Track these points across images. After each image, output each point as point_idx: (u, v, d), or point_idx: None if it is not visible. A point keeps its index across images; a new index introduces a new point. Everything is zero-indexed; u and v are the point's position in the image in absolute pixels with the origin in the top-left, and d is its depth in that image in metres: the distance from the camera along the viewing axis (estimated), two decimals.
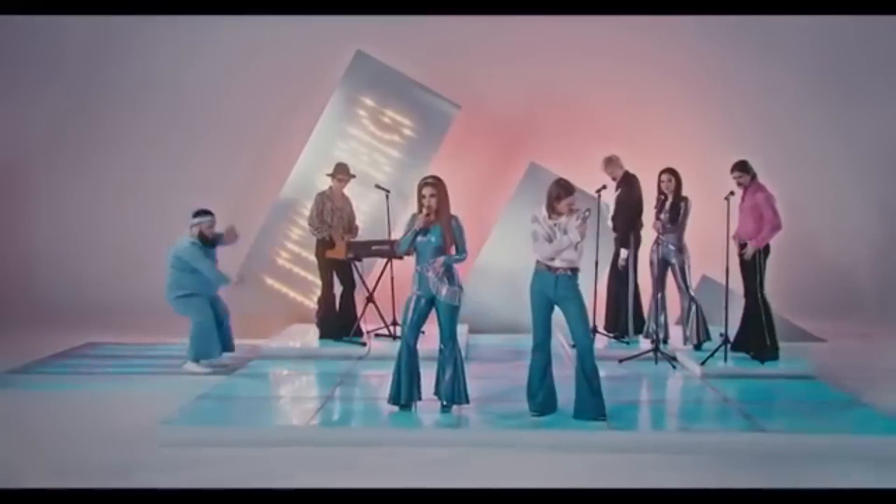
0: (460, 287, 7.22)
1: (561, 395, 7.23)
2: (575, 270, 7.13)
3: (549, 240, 7.02)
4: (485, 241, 10.63)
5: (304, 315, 10.72)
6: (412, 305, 7.23)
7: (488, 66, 11.87)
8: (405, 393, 7.27)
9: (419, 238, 7.09)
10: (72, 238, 11.59)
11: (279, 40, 12.00)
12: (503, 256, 10.67)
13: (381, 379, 8.25)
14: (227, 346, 9.05)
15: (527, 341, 7.38)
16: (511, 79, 11.97)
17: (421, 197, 7.10)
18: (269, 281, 11.09)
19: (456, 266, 7.27)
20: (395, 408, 7.31)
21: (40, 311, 11.57)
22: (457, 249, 7.12)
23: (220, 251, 9.22)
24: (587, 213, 7.15)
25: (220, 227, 8.94)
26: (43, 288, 12.04)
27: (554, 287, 7.03)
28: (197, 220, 8.82)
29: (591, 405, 7.13)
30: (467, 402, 7.30)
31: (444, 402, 7.31)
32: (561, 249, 7.02)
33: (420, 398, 7.35)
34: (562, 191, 7.05)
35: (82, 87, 11.80)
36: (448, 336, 7.24)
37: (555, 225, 7.04)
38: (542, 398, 7.26)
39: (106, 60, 11.71)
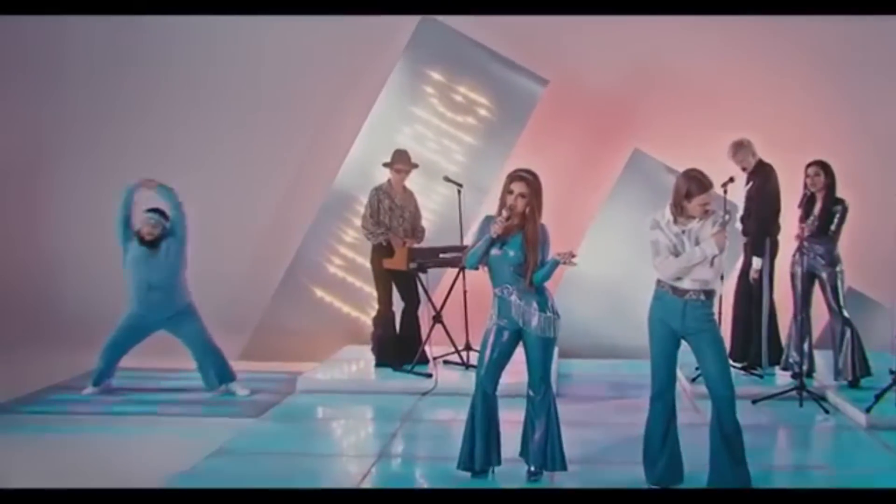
0: (556, 314, 5.95)
1: (684, 452, 5.95)
2: (710, 294, 5.80)
3: (676, 252, 5.74)
4: (577, 245, 9.56)
5: (359, 334, 9.86)
6: (491, 339, 5.99)
7: (581, 33, 10.83)
8: (480, 456, 6.02)
9: (493, 251, 5.88)
10: (96, 242, 10.50)
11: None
12: (599, 265, 9.79)
13: (451, 425, 7.15)
14: None
15: (629, 369, 6.19)
16: (609, 48, 10.91)
17: (506, 194, 5.88)
18: (318, 292, 10.24)
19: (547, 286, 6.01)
20: (468, 475, 6.05)
21: (48, 325, 10.74)
22: (540, 264, 5.91)
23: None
24: (727, 217, 6.00)
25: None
26: (56, 299, 11.23)
27: (681, 316, 5.75)
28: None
29: (732, 476, 5.79)
30: (564, 468, 6.03)
31: (533, 469, 6.06)
32: (691, 266, 5.72)
33: (499, 462, 6.09)
34: (694, 186, 5.71)
35: (115, 79, 11.24)
36: (539, 379, 6.01)
37: (683, 232, 5.76)
38: (663, 466, 5.94)
39: (142, 50, 11.19)
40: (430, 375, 8.43)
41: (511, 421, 6.19)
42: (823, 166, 8.43)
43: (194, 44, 11.06)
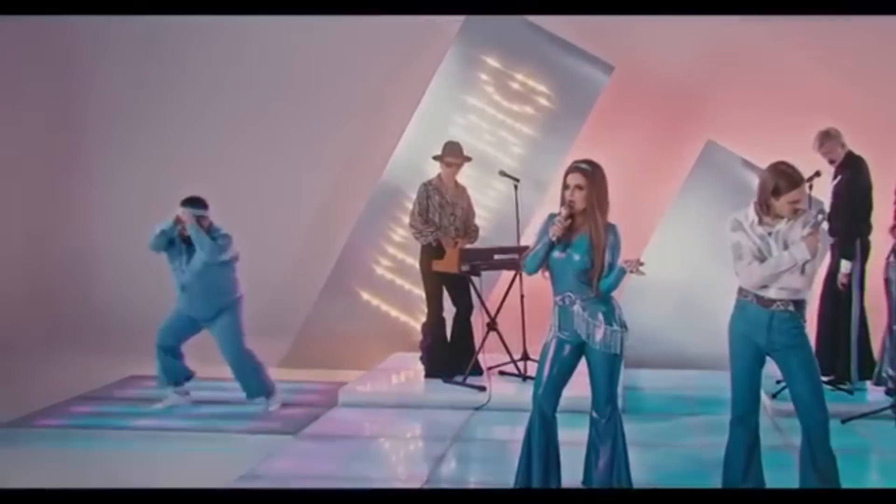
0: (623, 326, 5.47)
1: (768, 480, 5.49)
2: (800, 305, 5.30)
3: (761, 257, 5.25)
4: (644, 245, 9.34)
5: (408, 341, 9.55)
6: (550, 354, 5.53)
7: (649, 14, 10.20)
8: (538, 483, 5.54)
9: (555, 254, 5.45)
10: (136, 243, 10.19)
11: None
12: (668, 266, 9.28)
13: (506, 446, 6.73)
14: None
15: (701, 381, 5.77)
16: (679, 31, 10.57)
17: (564, 188, 5.44)
18: (365, 295, 9.99)
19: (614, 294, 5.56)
20: None
21: (84, 329, 10.56)
22: (607, 270, 5.45)
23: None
24: (820, 217, 5.44)
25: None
26: (92, 301, 11.11)
27: (767, 329, 5.26)
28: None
29: None
30: None
31: None
32: (779, 272, 5.23)
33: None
34: (783, 181, 5.20)
35: (157, 77, 11.33)
36: (605, 401, 5.54)
37: (769, 234, 5.27)
38: None
39: (185, 49, 11.23)
40: (483, 388, 8.05)
41: (572, 442, 5.72)
42: None
43: (237, 41, 11.05)
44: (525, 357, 8.56)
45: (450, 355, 8.52)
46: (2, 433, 7.23)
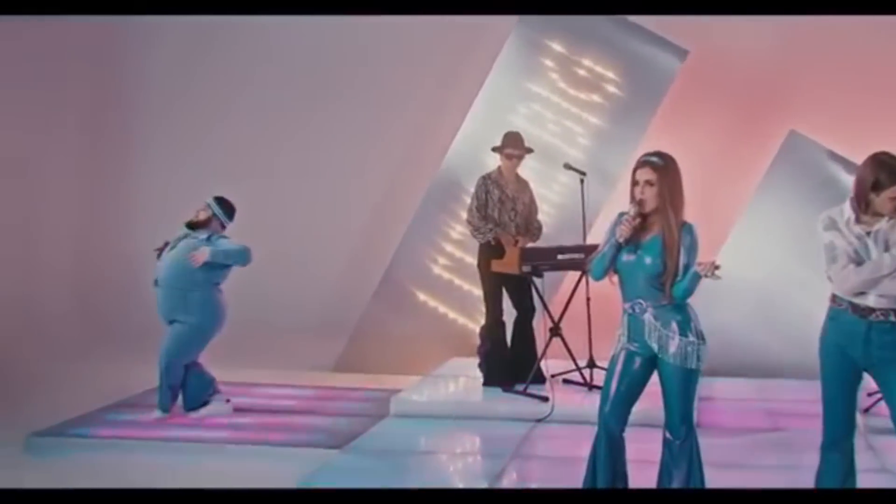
0: (701, 338, 5.07)
1: None
2: None
3: (858, 260, 4.82)
4: (720, 244, 9.18)
5: (467, 345, 9.25)
6: (619, 368, 5.18)
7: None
8: None
9: (624, 256, 5.09)
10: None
11: None
12: (747, 266, 9.17)
13: (570, 464, 6.25)
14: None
15: (783, 392, 6.24)
16: (759, 15, 10.16)
17: (634, 184, 5.09)
18: (421, 296, 9.89)
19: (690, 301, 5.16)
20: None
21: (127, 332, 10.36)
22: (682, 274, 5.06)
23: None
24: None
25: None
26: (137, 302, 10.62)
27: (864, 342, 4.83)
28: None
29: None
30: None
31: None
32: (879, 277, 4.79)
33: None
34: (884, 175, 4.78)
35: (207, 77, 11.37)
36: (679, 420, 5.15)
37: (867, 234, 4.84)
38: None
39: (237, 48, 11.28)
40: (545, 399, 7.74)
41: (642, 461, 5.35)
42: None
43: (289, 36, 11.01)
44: (591, 364, 8.26)
45: (510, 362, 8.31)
46: (33, 442, 7.03)
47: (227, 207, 7.71)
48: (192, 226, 7.63)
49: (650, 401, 5.25)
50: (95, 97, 11.30)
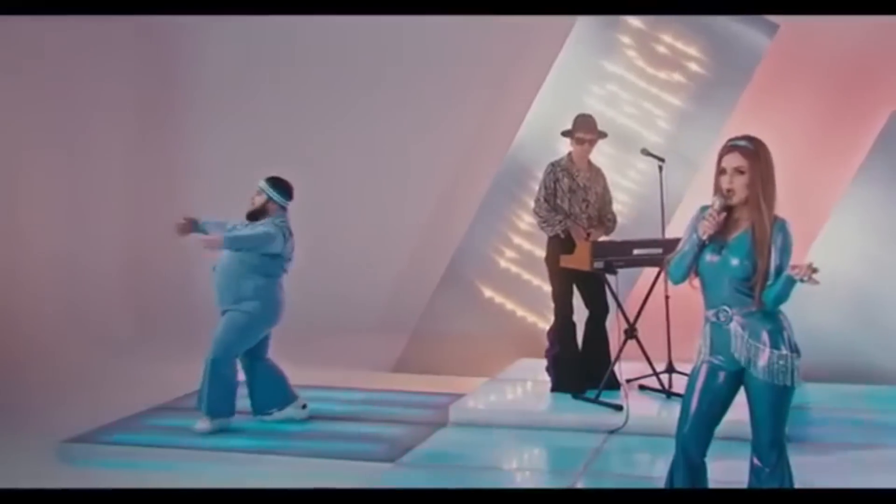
0: (795, 350, 4.62)
1: None
2: None
3: None
4: (812, 238, 8.92)
5: (536, 345, 8.98)
6: (700, 383, 4.76)
7: None
8: None
9: (707, 256, 4.67)
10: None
11: None
12: (845, 261, 8.87)
13: (646, 483, 6.04)
14: None
15: (888, 401, 6.14)
16: None
17: (719, 173, 4.67)
18: (487, 291, 9.71)
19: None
20: None
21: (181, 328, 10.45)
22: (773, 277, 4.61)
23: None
24: None
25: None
26: (191, 298, 10.99)
27: None
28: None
29: None
30: None
31: None
32: None
33: None
34: None
35: (271, 74, 11.55)
36: (769, 444, 4.69)
37: None
38: None
39: (299, 47, 11.37)
40: (619, 407, 7.40)
41: (723, 481, 4.97)
42: None
43: (348, 27, 11.00)
44: (670, 369, 7.95)
45: (580, 366, 8.04)
46: (65, 449, 6.89)
47: (282, 187, 7.41)
48: (253, 216, 7.38)
49: (736, 411, 4.83)
50: (147, 93, 11.51)
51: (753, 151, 4.59)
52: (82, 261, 10.84)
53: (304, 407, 7.39)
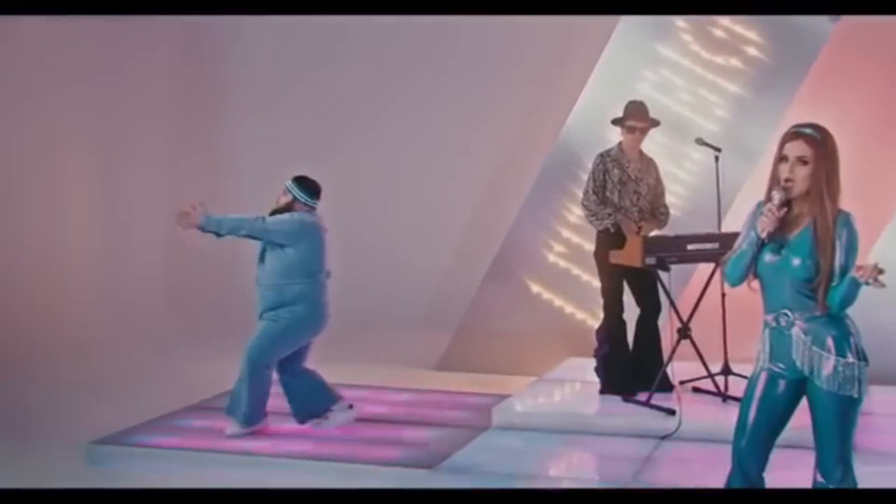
0: (863, 358, 4.37)
1: None
2: None
3: None
4: (876, 236, 8.71)
5: (585, 343, 8.82)
6: (758, 392, 4.50)
7: None
8: None
9: (766, 256, 4.42)
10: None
11: None
12: None
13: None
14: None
15: None
16: None
17: (779, 163, 4.40)
18: (534, 287, 9.59)
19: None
20: None
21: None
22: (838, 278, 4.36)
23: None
24: None
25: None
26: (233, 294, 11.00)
27: None
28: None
29: None
30: None
31: None
32: None
33: None
34: None
35: (325, 71, 11.57)
36: (834, 459, 4.43)
37: None
38: None
39: (352, 46, 11.43)
40: (672, 412, 7.17)
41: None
42: None
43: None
44: (726, 371, 7.72)
45: (631, 367, 7.88)
46: (94, 450, 6.79)
47: (307, 186, 7.22)
48: (277, 213, 7.25)
49: (800, 417, 4.59)
50: (187, 91, 11.58)
51: (820, 140, 4.34)
52: (124, 258, 10.94)
53: (350, 407, 7.21)
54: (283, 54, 11.46)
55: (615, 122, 7.97)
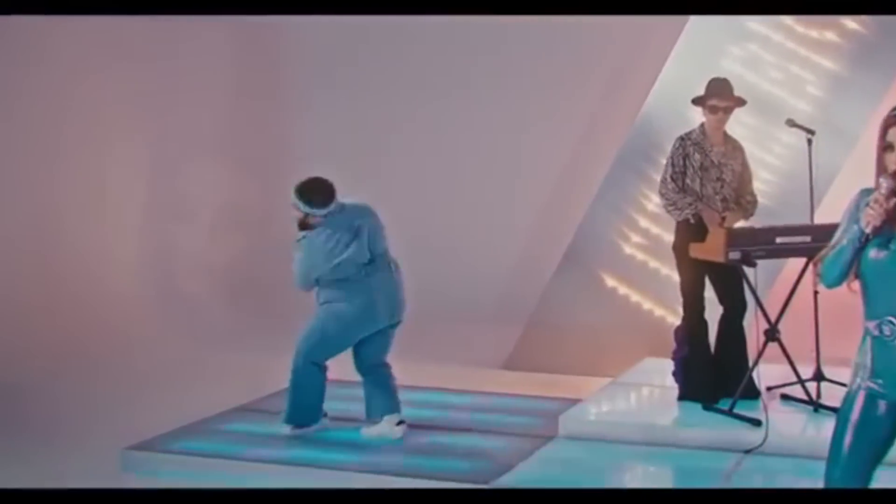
0: None
1: None
2: None
3: None
4: None
5: (664, 342, 8.47)
6: (856, 414, 4.09)
7: None
8: None
9: (871, 253, 4.06)
10: None
11: None
12: None
13: None
14: None
15: None
16: None
17: (883, 150, 4.10)
18: (609, 281, 9.40)
19: None
20: None
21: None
22: None
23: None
24: None
25: None
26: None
27: None
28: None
29: None
30: None
31: None
32: None
33: None
34: None
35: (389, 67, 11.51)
36: None
37: None
38: None
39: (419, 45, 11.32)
40: (758, 422, 6.78)
41: None
42: None
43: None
44: (819, 377, 7.38)
45: (713, 372, 7.53)
46: (128, 457, 6.60)
47: (307, 197, 7.08)
48: (302, 227, 7.15)
49: None
50: (248, 89, 11.61)
51: None
52: (172, 253, 11.07)
53: (400, 423, 6.96)
54: (344, 52, 11.43)
55: (696, 101, 7.62)
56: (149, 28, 10.54)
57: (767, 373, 7.27)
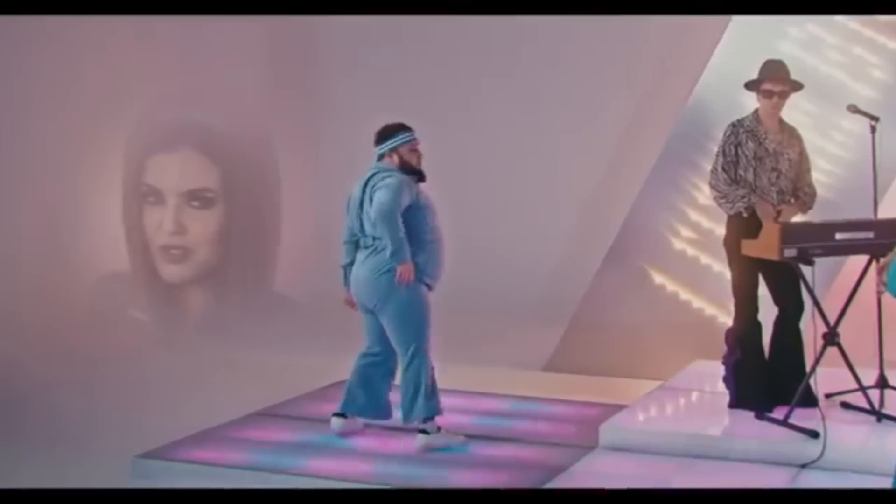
0: None
1: None
2: None
3: None
4: None
5: (716, 344, 8.20)
6: None
7: None
8: None
9: None
10: None
11: None
12: None
13: None
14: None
15: None
16: None
17: None
18: (657, 277, 9.39)
19: None
20: None
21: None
22: None
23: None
24: None
25: None
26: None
27: None
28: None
29: None
30: None
31: None
32: None
33: None
34: None
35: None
36: None
37: None
38: None
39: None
40: (815, 434, 6.49)
41: None
42: None
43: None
44: (883, 383, 7.10)
45: (767, 378, 7.28)
46: (140, 465, 6.49)
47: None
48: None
49: None
50: (285, 90, 11.65)
51: None
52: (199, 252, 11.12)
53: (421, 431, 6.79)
54: (392, 52, 11.37)
55: (749, 85, 7.35)
56: (150, 28, 10.58)
57: (826, 379, 6.98)
